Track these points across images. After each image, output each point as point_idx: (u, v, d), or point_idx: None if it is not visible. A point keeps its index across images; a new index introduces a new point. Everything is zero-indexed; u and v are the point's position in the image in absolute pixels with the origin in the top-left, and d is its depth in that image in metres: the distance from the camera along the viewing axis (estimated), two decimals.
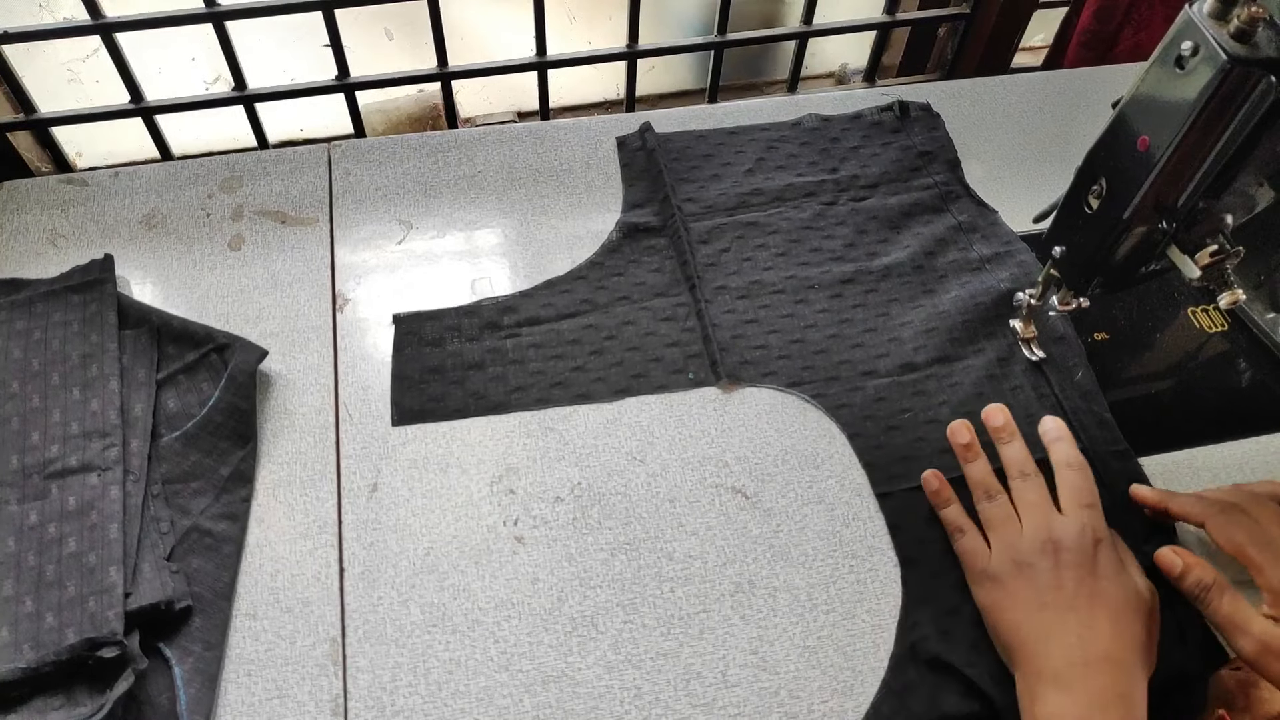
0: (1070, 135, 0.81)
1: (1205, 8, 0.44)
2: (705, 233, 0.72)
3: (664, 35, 1.07)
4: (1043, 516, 0.52)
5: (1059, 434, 0.56)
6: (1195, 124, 0.46)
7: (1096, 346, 0.66)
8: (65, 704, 0.48)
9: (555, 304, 0.68)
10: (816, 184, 0.76)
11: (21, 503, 0.54)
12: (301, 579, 0.54)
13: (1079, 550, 0.49)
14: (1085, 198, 0.54)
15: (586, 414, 0.62)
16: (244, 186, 0.74)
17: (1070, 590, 0.48)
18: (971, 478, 0.56)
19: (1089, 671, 0.45)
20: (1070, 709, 0.45)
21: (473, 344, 0.65)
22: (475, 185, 0.75)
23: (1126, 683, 0.46)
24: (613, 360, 0.65)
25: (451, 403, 0.62)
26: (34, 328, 0.61)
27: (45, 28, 0.78)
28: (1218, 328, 0.68)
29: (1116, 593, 0.48)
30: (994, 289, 0.67)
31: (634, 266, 0.71)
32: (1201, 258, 0.51)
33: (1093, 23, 1.03)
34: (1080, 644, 0.46)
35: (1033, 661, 0.47)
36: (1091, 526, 0.51)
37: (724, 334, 0.66)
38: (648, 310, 0.68)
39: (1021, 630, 0.48)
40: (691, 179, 0.76)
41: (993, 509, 0.54)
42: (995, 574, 0.51)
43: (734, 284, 0.69)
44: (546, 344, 0.65)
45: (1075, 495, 0.52)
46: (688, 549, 0.56)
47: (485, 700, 0.50)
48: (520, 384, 0.63)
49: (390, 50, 1.06)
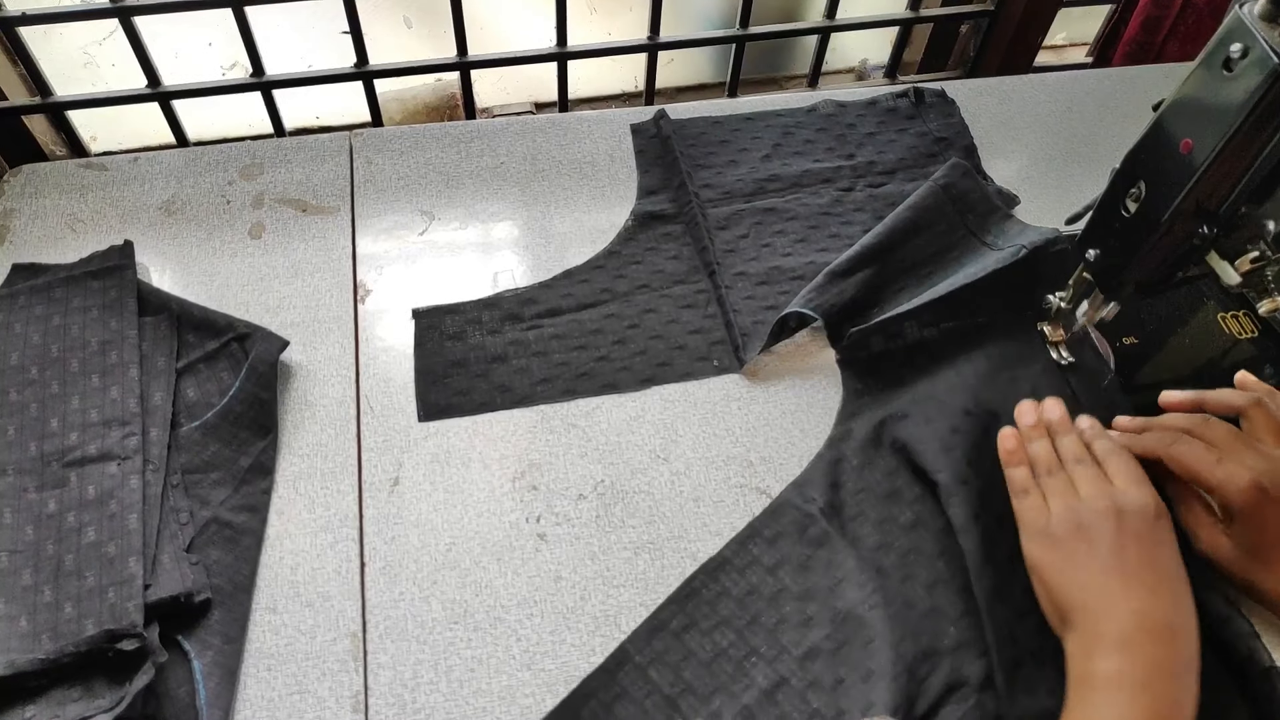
0: (1099, 137, 0.80)
1: (1256, 9, 0.43)
2: (723, 219, 0.72)
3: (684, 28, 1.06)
4: (1103, 487, 0.52)
5: (1097, 433, 0.56)
6: (1242, 127, 0.45)
7: (1125, 350, 0.66)
8: (84, 695, 0.47)
9: (575, 294, 0.67)
10: (833, 170, 0.76)
11: (40, 490, 0.54)
12: (322, 573, 0.54)
13: (1142, 518, 0.49)
14: (1123, 200, 0.53)
15: (609, 410, 0.61)
16: (264, 174, 0.73)
17: (1133, 557, 0.48)
18: (1035, 454, 0.55)
19: (1154, 639, 0.45)
20: (1132, 673, 0.44)
21: (494, 337, 0.64)
22: (498, 176, 0.75)
23: (1188, 653, 0.46)
24: (636, 349, 0.64)
25: (477, 396, 0.61)
26: (53, 313, 0.61)
27: (63, 10, 0.77)
28: (1247, 334, 0.67)
29: (1176, 565, 0.49)
30: (1017, 285, 0.66)
31: (652, 254, 0.70)
32: (1242, 264, 0.50)
33: (1140, 33, 1.02)
34: (1145, 611, 0.46)
35: (1094, 623, 0.47)
36: (1151, 497, 0.51)
37: (745, 319, 0.66)
38: (668, 298, 0.67)
39: (1084, 592, 0.48)
40: (708, 165, 0.76)
41: (1054, 481, 0.53)
42: (1055, 533, 0.50)
43: (753, 270, 0.69)
44: (569, 335, 0.65)
45: (1128, 474, 0.52)
46: (711, 550, 0.55)
47: (507, 699, 0.50)
48: (545, 376, 0.63)
49: (409, 38, 1.05)
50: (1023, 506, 0.53)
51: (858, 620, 0.52)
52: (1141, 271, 0.55)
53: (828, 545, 0.55)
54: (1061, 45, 1.25)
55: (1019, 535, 0.52)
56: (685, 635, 0.52)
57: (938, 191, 0.70)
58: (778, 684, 0.50)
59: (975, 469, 0.56)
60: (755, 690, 0.50)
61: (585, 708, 0.49)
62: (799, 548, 0.55)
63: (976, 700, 0.49)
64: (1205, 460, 0.51)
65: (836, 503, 0.57)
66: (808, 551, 0.55)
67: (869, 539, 0.55)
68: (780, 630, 0.52)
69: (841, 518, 0.56)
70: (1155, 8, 1.00)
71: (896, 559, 0.54)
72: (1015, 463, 0.55)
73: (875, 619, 0.51)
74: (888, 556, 0.54)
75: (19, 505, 0.53)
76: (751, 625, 0.52)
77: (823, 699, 0.49)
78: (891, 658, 0.50)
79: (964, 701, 0.49)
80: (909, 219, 0.68)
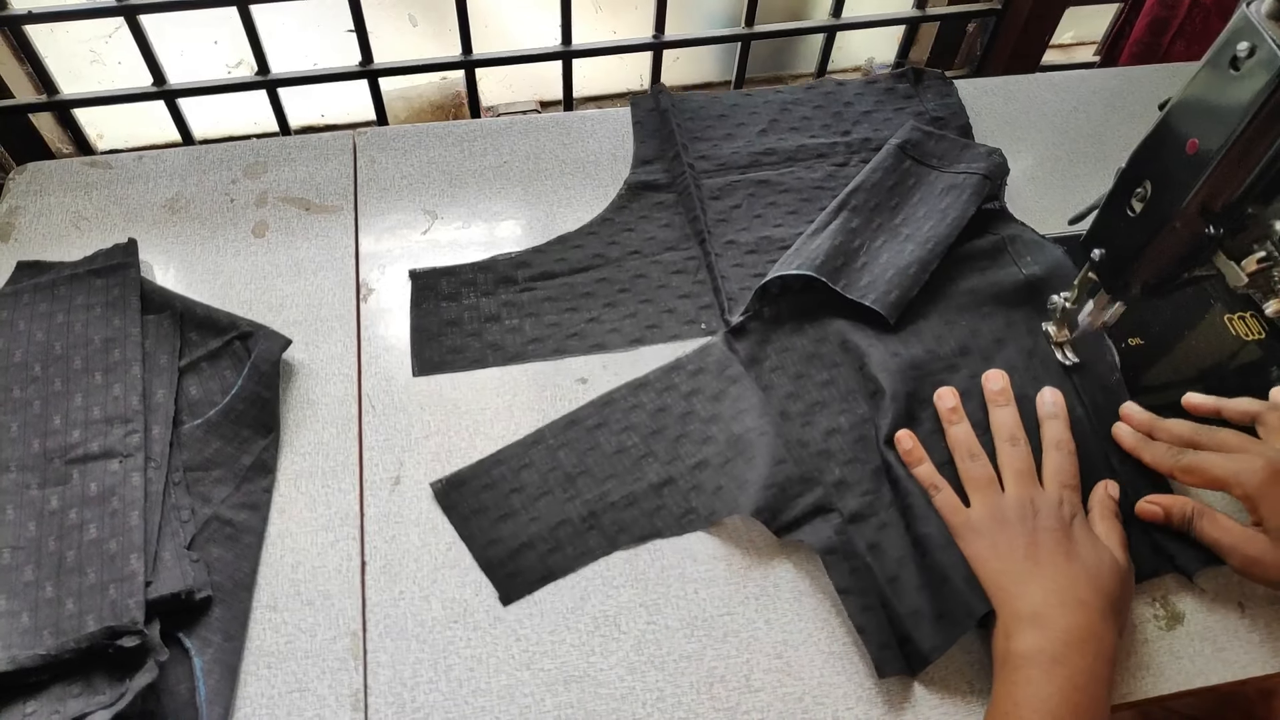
0: (1106, 136, 0.80)
1: (1264, 8, 0.43)
2: (716, 189, 0.74)
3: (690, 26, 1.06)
4: (1025, 487, 0.54)
5: (1054, 412, 0.58)
6: (1248, 127, 0.44)
7: (1130, 351, 0.65)
8: (84, 692, 0.47)
9: (568, 259, 0.69)
10: (829, 145, 0.77)
11: (43, 487, 0.54)
12: (323, 571, 0.54)
13: (1056, 519, 0.52)
14: (1128, 200, 0.53)
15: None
16: (268, 172, 0.73)
17: (1048, 547, 0.51)
18: (955, 438, 0.58)
19: (1064, 611, 0.48)
20: (1044, 644, 0.47)
21: (488, 298, 0.66)
22: (501, 176, 0.75)
23: (1100, 625, 0.48)
24: (627, 312, 0.66)
25: (470, 354, 0.64)
26: (56, 310, 0.61)
27: (69, 9, 0.77)
28: (1254, 335, 0.67)
29: (1090, 555, 0.51)
30: (1016, 275, 0.67)
31: (644, 222, 0.72)
32: (1248, 264, 0.50)
33: (1146, 34, 1.01)
34: (1057, 589, 0.49)
35: (1011, 603, 0.49)
36: (1069, 503, 0.54)
37: (733, 285, 0.67)
38: (659, 264, 0.69)
39: (1003, 576, 0.51)
40: (704, 138, 0.77)
41: (975, 468, 0.56)
42: (977, 527, 0.53)
43: (743, 239, 0.70)
44: (561, 297, 0.67)
45: (1058, 475, 0.55)
46: (712, 550, 0.55)
47: (506, 698, 0.50)
48: (537, 335, 0.65)
49: (414, 36, 1.05)
50: (939, 504, 0.55)
51: (748, 443, 0.58)
52: (1147, 272, 0.54)
53: (741, 383, 0.61)
54: (1069, 44, 1.25)
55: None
56: (596, 431, 0.59)
57: (895, 150, 0.73)
58: (666, 482, 0.57)
59: (913, 396, 0.60)
60: (644, 483, 0.57)
61: (496, 469, 0.58)
62: (715, 382, 0.62)
63: (840, 526, 0.55)
64: (1215, 460, 0.53)
65: (761, 355, 0.63)
66: (722, 386, 0.61)
67: (781, 389, 0.62)
68: (680, 443, 0.59)
69: (761, 367, 0.63)
70: (1162, 9, 0.99)
71: (803, 407, 0.61)
72: (915, 462, 0.57)
73: (763, 444, 0.57)
74: (794, 404, 0.61)
75: (21, 502, 0.53)
76: (656, 435, 0.60)
77: (701, 500, 0.57)
78: (767, 474, 0.55)
79: (828, 524, 0.55)
80: (867, 174, 0.71)
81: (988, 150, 0.72)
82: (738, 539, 0.56)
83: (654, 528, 0.56)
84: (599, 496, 0.57)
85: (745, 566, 0.55)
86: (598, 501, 0.56)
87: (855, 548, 0.54)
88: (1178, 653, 0.53)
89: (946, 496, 0.55)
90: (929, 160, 0.72)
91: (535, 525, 0.55)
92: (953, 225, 0.67)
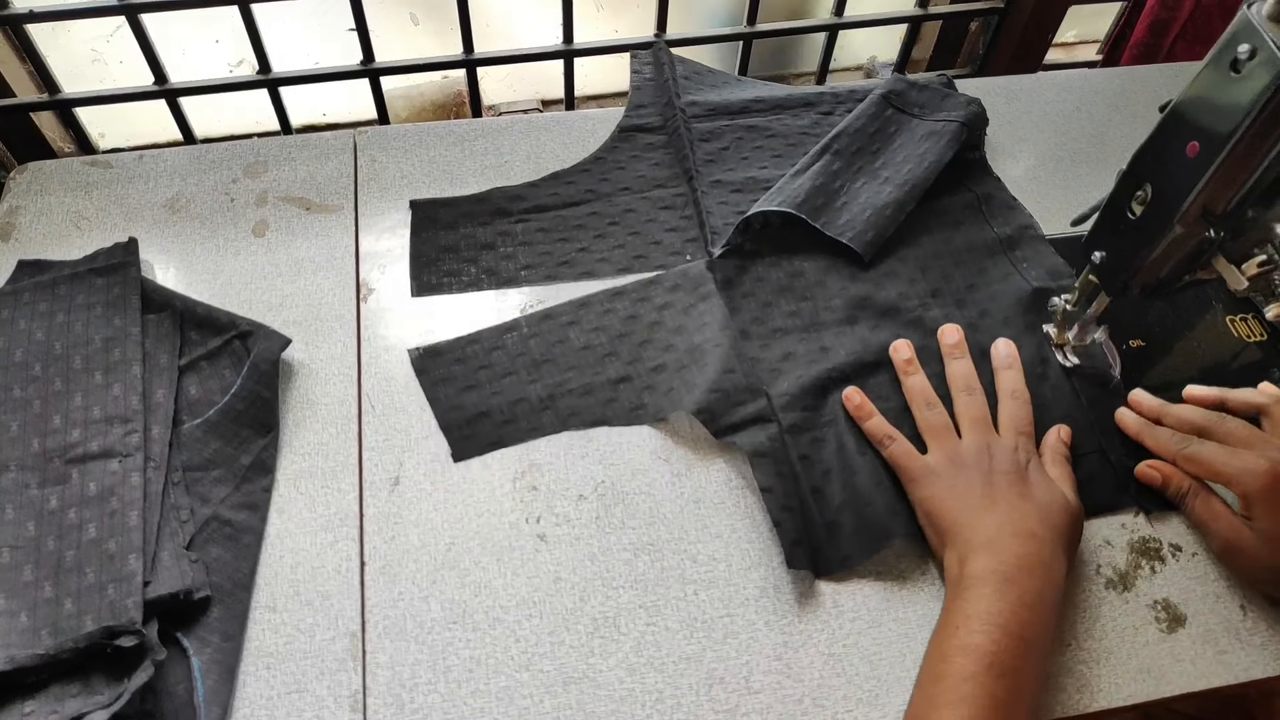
0: (1108, 136, 0.80)
1: (1265, 10, 0.43)
2: (706, 133, 0.76)
3: (691, 25, 1.06)
4: (981, 433, 0.56)
5: (1009, 363, 0.60)
6: (1249, 130, 0.44)
7: (1131, 353, 0.65)
8: (82, 691, 0.47)
9: (561, 194, 0.73)
10: (816, 95, 0.81)
11: (42, 487, 0.54)
12: (322, 572, 0.54)
13: (1011, 463, 0.54)
14: (1128, 203, 0.52)
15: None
16: (269, 172, 0.73)
17: (1003, 488, 0.53)
18: (911, 388, 0.60)
19: (1017, 540, 0.50)
20: (996, 567, 0.49)
21: (484, 228, 0.70)
22: (501, 175, 0.74)
23: (1050, 555, 0.50)
24: (616, 243, 0.70)
25: (465, 278, 0.67)
26: (56, 310, 0.61)
27: (70, 8, 0.77)
28: (1256, 337, 0.66)
29: (1044, 495, 0.53)
30: (988, 234, 0.70)
31: (635, 161, 0.75)
32: (1249, 268, 0.49)
33: (1147, 36, 1.01)
34: (1010, 521, 0.51)
35: (964, 533, 0.51)
36: (1024, 449, 0.55)
37: (717, 221, 0.70)
38: (648, 200, 0.72)
39: (958, 513, 0.52)
40: (698, 87, 0.81)
41: (932, 416, 0.58)
42: (936, 470, 0.55)
43: (730, 179, 0.73)
44: (553, 228, 0.70)
45: (1013, 422, 0.57)
46: (712, 551, 0.55)
47: (505, 700, 0.50)
48: (529, 263, 0.68)
49: (415, 35, 1.05)
50: (893, 454, 0.56)
51: (704, 352, 0.61)
52: (1148, 274, 0.54)
53: (711, 301, 0.64)
54: (1072, 43, 1.24)
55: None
56: (569, 327, 0.64)
57: (879, 99, 0.76)
58: (623, 379, 0.61)
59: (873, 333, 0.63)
60: (603, 378, 0.62)
61: (470, 347, 0.62)
62: (687, 298, 0.65)
63: (775, 434, 0.57)
64: (1219, 454, 0.54)
65: (736, 281, 0.66)
66: (693, 302, 0.65)
67: (749, 313, 0.65)
68: (644, 348, 0.63)
69: (734, 292, 0.66)
70: (1163, 10, 0.99)
71: (765, 331, 0.64)
72: (865, 416, 0.59)
73: (717, 354, 0.60)
74: (758, 328, 0.64)
75: (20, 501, 0.53)
76: (622, 338, 0.63)
77: (652, 399, 0.60)
78: (714, 380, 0.58)
79: (763, 431, 0.57)
80: (851, 120, 0.74)
81: (966, 100, 0.75)
82: (738, 540, 0.56)
83: (604, 416, 0.60)
84: (559, 383, 0.61)
85: (745, 568, 0.55)
86: (557, 387, 0.61)
87: (786, 454, 0.57)
88: (1179, 655, 0.53)
89: (901, 445, 0.56)
90: (910, 109, 0.75)
91: (496, 399, 0.60)
92: (930, 169, 0.70)
